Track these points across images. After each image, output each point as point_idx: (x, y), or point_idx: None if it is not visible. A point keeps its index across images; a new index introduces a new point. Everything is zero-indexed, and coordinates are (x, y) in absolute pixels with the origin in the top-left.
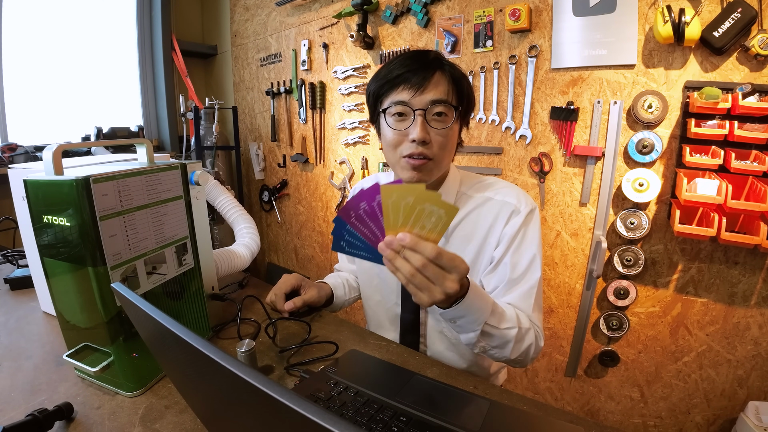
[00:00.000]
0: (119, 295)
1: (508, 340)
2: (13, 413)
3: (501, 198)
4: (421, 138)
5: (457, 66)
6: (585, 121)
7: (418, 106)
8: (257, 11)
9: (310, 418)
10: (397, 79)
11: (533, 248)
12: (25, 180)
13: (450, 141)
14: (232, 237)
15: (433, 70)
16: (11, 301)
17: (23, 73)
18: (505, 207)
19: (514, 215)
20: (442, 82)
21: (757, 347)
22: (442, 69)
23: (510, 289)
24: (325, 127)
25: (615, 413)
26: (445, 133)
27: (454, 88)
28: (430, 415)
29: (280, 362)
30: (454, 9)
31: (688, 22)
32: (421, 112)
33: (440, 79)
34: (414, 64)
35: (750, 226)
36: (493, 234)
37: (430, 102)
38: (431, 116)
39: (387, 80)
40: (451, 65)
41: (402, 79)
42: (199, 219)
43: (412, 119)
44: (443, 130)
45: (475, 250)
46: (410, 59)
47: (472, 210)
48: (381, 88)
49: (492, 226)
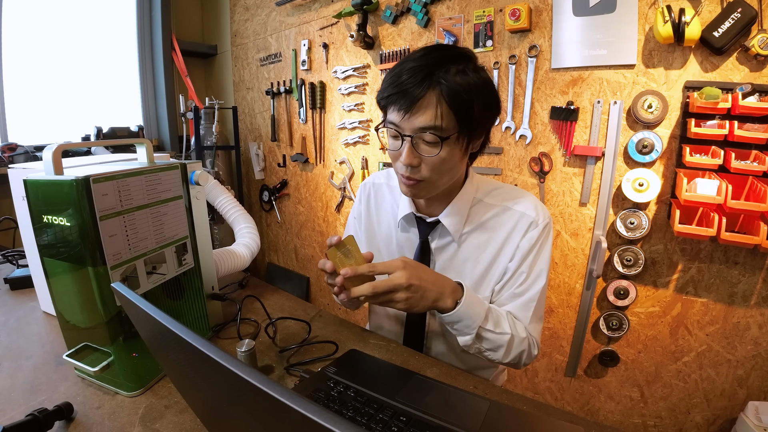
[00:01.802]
0: (119, 295)
1: (501, 344)
2: (13, 413)
3: (520, 209)
4: (407, 163)
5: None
6: (585, 121)
7: (407, 131)
8: (257, 11)
9: (310, 417)
10: (390, 98)
11: (543, 263)
12: (25, 180)
13: (446, 163)
14: (232, 237)
15: (424, 91)
16: (11, 301)
17: (23, 73)
18: (523, 218)
19: (532, 228)
20: (432, 105)
21: (757, 347)
22: (438, 88)
23: (512, 299)
24: (325, 127)
25: (615, 413)
26: (436, 159)
27: (451, 110)
28: (430, 415)
29: (280, 362)
30: (454, 9)
31: (688, 22)
32: (409, 138)
33: (431, 101)
34: (407, 81)
35: (750, 226)
36: (509, 244)
37: (418, 128)
38: (420, 141)
39: (383, 96)
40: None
41: (391, 101)
42: (199, 219)
43: (401, 142)
44: (435, 158)
45: (489, 258)
46: (406, 73)
47: (490, 218)
48: (380, 101)
49: (509, 237)
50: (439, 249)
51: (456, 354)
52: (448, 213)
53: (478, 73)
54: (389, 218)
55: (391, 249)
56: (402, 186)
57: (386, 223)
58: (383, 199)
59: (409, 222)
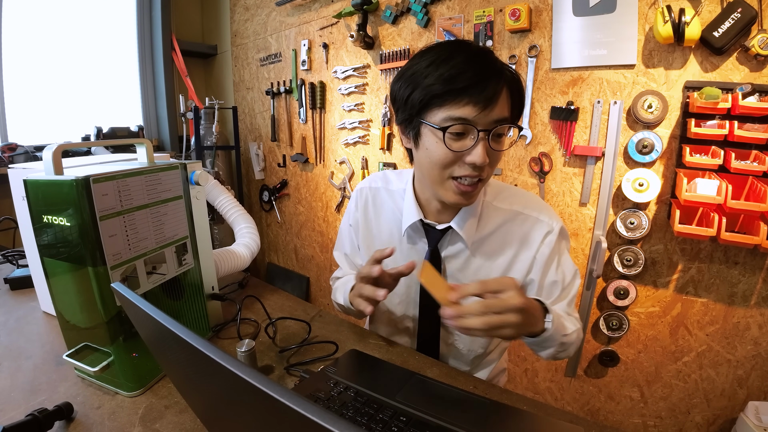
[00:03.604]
0: (119, 295)
1: (572, 342)
2: (13, 413)
3: (533, 215)
4: (482, 162)
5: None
6: (585, 121)
7: (483, 126)
8: (257, 11)
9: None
10: (462, 90)
11: (569, 264)
12: (25, 180)
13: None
14: (232, 237)
15: (502, 83)
16: (11, 301)
17: (23, 73)
18: (538, 225)
19: (550, 234)
20: (505, 96)
21: (757, 347)
22: (507, 80)
23: (559, 299)
24: (325, 127)
25: (615, 413)
26: (502, 154)
27: (515, 100)
28: (430, 415)
29: (280, 362)
30: (454, 9)
31: (688, 22)
32: (485, 133)
33: (505, 93)
34: (480, 71)
35: (750, 226)
36: (526, 252)
37: (495, 122)
38: (492, 136)
39: (447, 88)
40: (513, 73)
41: (467, 92)
42: (199, 219)
43: (473, 139)
44: (500, 152)
45: (504, 265)
46: (473, 62)
47: (501, 225)
48: (435, 95)
49: (524, 244)
50: (450, 257)
51: (462, 362)
52: (460, 218)
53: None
54: (391, 225)
55: (395, 258)
56: (452, 194)
57: (388, 231)
58: (383, 205)
59: (417, 230)
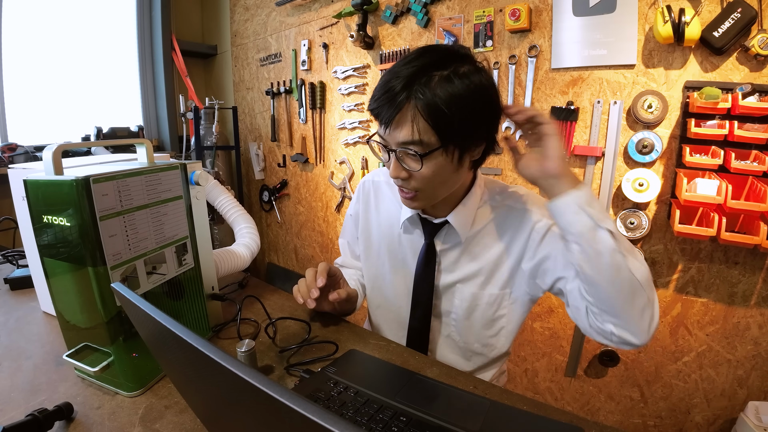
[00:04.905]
0: (119, 295)
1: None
2: (13, 413)
3: (525, 207)
4: (394, 176)
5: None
6: (585, 121)
7: (391, 144)
8: (257, 11)
9: (310, 418)
10: (373, 111)
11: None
12: (25, 180)
13: (436, 176)
14: (232, 237)
15: (401, 105)
16: (11, 301)
17: (23, 73)
18: (527, 215)
19: (539, 222)
20: (409, 121)
21: (757, 347)
22: (414, 101)
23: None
24: (325, 127)
25: (615, 413)
26: (423, 173)
27: (429, 125)
28: (430, 415)
29: (280, 362)
30: (454, 9)
31: (688, 22)
32: (393, 151)
33: (408, 116)
34: (383, 95)
35: (750, 226)
36: (517, 241)
37: (400, 143)
38: (405, 155)
39: (368, 108)
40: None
41: (375, 114)
42: (199, 219)
43: (388, 154)
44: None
45: (495, 256)
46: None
47: (495, 219)
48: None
49: (516, 234)
50: (445, 251)
51: (460, 356)
52: (455, 215)
53: (468, 78)
54: (391, 217)
55: (393, 249)
56: (401, 197)
57: (387, 223)
58: (384, 198)
59: (414, 223)
